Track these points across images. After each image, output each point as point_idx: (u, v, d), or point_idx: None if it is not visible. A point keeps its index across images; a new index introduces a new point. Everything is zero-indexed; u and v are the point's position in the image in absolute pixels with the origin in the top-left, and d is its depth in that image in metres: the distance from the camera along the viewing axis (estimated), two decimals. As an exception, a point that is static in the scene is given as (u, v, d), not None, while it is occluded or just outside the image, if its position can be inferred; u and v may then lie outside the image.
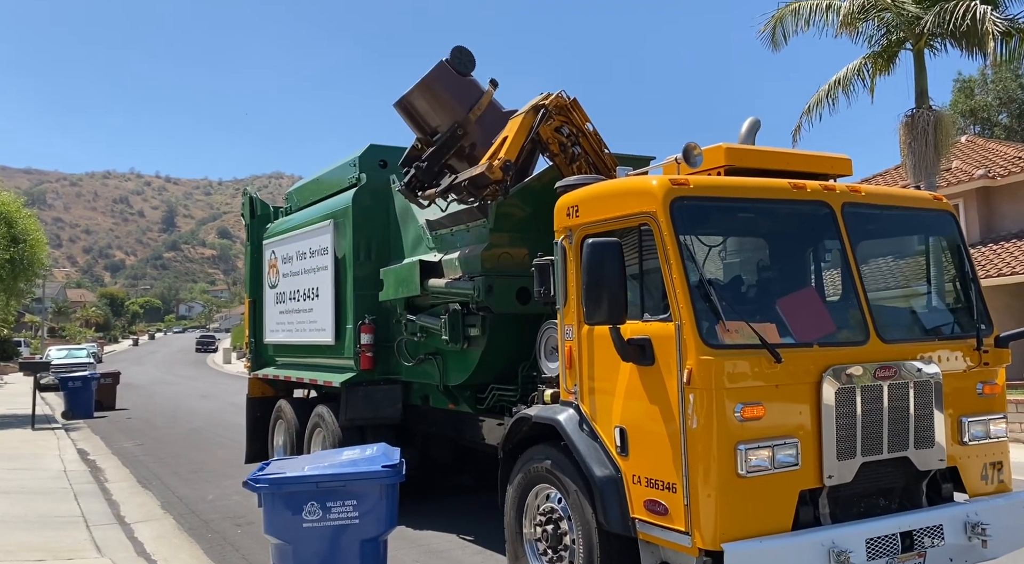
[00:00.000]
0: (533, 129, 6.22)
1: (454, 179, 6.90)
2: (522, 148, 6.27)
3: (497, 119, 7.01)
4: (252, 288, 11.35)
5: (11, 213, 19.81)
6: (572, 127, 6.31)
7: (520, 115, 6.36)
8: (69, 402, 20.46)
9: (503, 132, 6.53)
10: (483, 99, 7.13)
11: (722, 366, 4.21)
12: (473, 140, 7.13)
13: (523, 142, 6.23)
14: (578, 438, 4.92)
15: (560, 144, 6.30)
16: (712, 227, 4.93)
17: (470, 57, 7.21)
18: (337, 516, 4.64)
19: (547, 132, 6.26)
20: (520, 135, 6.22)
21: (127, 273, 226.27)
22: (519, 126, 6.28)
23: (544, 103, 6.23)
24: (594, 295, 4.46)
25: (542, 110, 6.23)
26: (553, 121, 6.25)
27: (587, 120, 6.36)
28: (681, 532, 4.25)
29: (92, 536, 7.88)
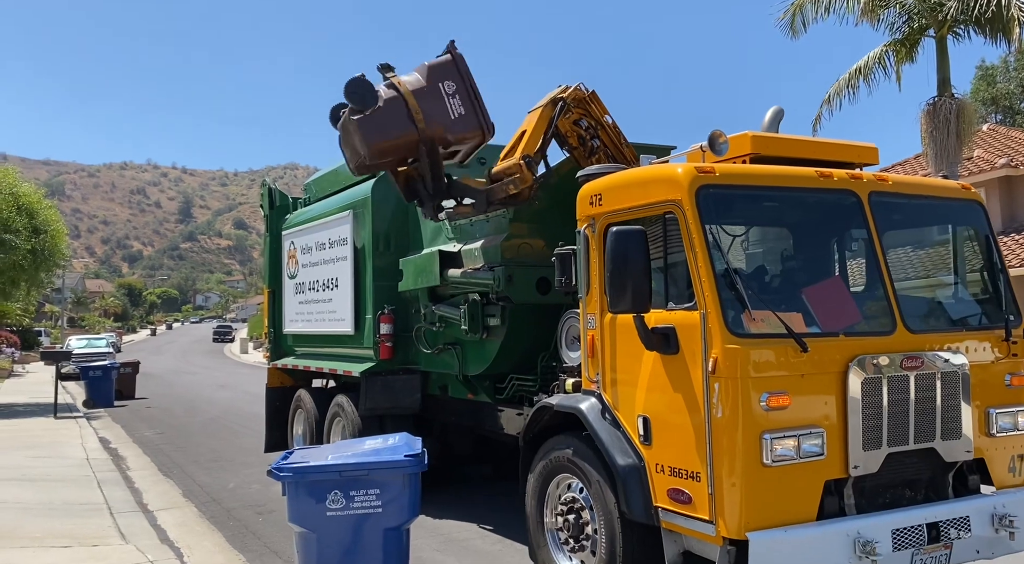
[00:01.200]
0: (552, 123, 6.14)
1: (488, 191, 6.63)
2: (542, 142, 6.20)
3: (431, 89, 6.63)
4: (271, 278, 11.40)
5: (32, 204, 19.98)
6: (591, 120, 6.25)
7: (538, 109, 6.30)
8: (90, 391, 20.67)
9: (521, 126, 6.42)
10: (408, 101, 6.61)
11: (748, 355, 4.18)
12: (436, 134, 6.77)
13: (542, 136, 6.17)
14: (600, 427, 4.91)
15: (579, 137, 6.26)
16: (738, 215, 4.89)
17: (365, 87, 6.56)
18: (360, 505, 4.66)
19: (566, 125, 6.21)
20: (539, 129, 6.17)
21: (144, 264, 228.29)
22: (538, 119, 6.22)
23: (563, 96, 6.17)
24: (618, 284, 4.44)
25: (560, 103, 6.17)
26: (572, 114, 6.19)
27: (606, 112, 6.31)
28: (705, 521, 4.24)
29: (116, 523, 7.99)
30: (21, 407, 19.52)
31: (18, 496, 9.10)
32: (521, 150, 6.14)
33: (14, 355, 34.83)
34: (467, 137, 6.95)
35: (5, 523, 7.81)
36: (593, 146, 6.25)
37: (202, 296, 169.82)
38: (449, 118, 6.67)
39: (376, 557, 4.67)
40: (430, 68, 6.79)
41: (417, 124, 6.59)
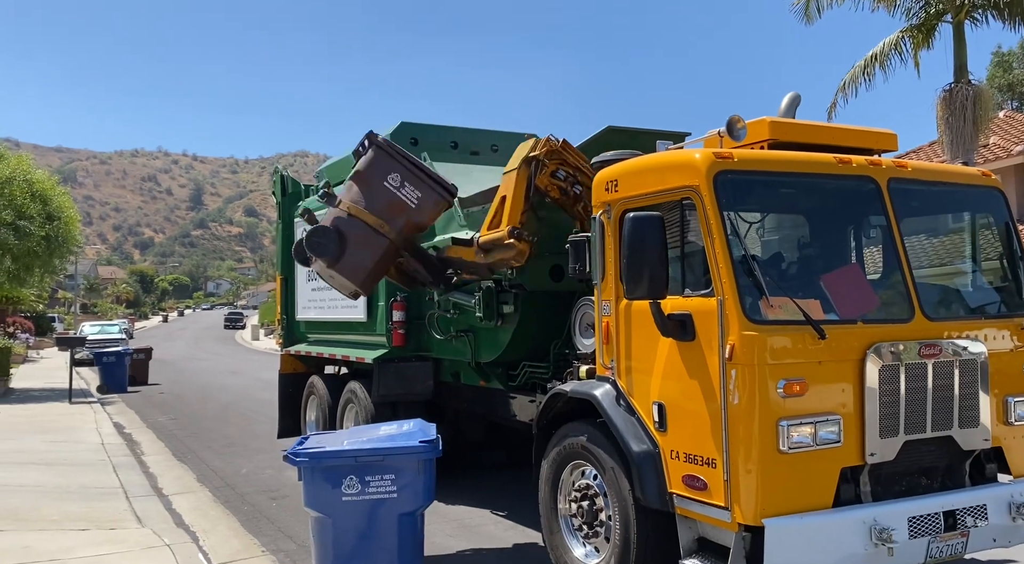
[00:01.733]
0: (531, 183, 6.09)
1: (488, 264, 6.54)
2: (524, 205, 6.15)
3: (379, 191, 6.55)
4: (284, 265, 11.42)
5: (46, 191, 20.07)
6: (568, 168, 6.18)
7: (513, 171, 6.21)
8: (104, 377, 20.83)
9: (500, 190, 6.37)
10: (367, 219, 6.52)
11: (765, 342, 4.16)
12: (407, 230, 6.75)
13: (524, 201, 6.13)
14: (615, 413, 4.91)
15: (560, 188, 6.21)
16: (756, 202, 4.85)
17: (321, 237, 6.57)
18: (376, 490, 4.71)
19: (544, 181, 6.14)
20: (519, 194, 6.11)
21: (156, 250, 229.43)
22: (516, 184, 6.15)
23: (535, 154, 6.07)
24: (635, 270, 4.42)
25: (534, 162, 6.11)
26: (547, 168, 6.10)
27: (581, 158, 6.19)
28: (721, 507, 4.23)
29: (132, 507, 8.08)
30: (36, 392, 19.70)
31: (36, 479, 9.21)
32: (507, 221, 6.10)
33: (28, 341, 35.13)
34: (435, 212, 6.97)
35: (23, 506, 7.91)
36: (576, 192, 6.19)
37: (213, 283, 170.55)
38: (411, 208, 6.61)
39: (391, 542, 4.72)
40: (368, 170, 6.68)
41: (386, 235, 6.57)
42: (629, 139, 6.53)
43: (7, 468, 9.81)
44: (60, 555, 6.26)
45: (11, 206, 18.36)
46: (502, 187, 6.38)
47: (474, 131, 9.56)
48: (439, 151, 8.88)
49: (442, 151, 8.96)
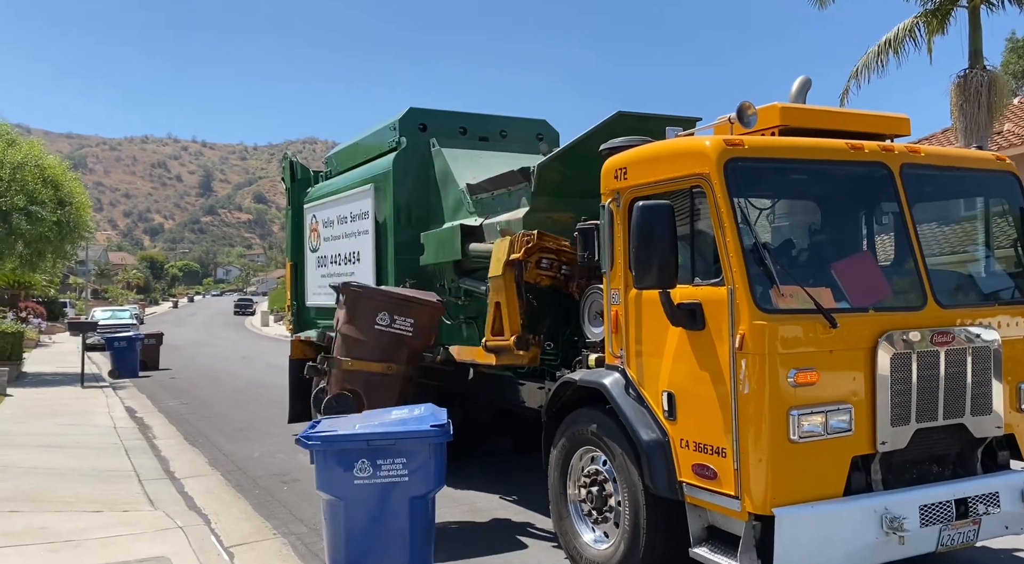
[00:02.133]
0: (520, 285, 6.21)
1: None
2: (520, 307, 6.26)
3: (374, 335, 6.78)
4: (293, 252, 11.46)
5: (57, 177, 20.13)
6: (549, 255, 6.25)
7: (499, 277, 6.31)
8: (115, 361, 20.92)
9: (491, 296, 6.48)
10: (371, 368, 6.81)
11: (775, 331, 4.14)
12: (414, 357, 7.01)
13: (518, 304, 6.25)
14: (624, 402, 4.90)
15: (549, 277, 6.28)
16: (767, 189, 4.81)
17: (342, 404, 6.75)
18: (387, 473, 4.69)
19: (532, 276, 6.24)
20: (512, 299, 6.24)
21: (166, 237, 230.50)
22: (505, 290, 6.26)
23: (516, 257, 6.15)
24: (644, 259, 4.40)
25: (517, 264, 6.19)
26: (531, 262, 6.18)
27: (560, 242, 6.25)
28: (731, 496, 4.23)
29: (144, 490, 8.14)
30: (49, 376, 19.86)
31: (50, 462, 9.30)
32: (508, 330, 6.25)
33: (41, 325, 35.36)
34: (433, 325, 7.23)
35: (38, 487, 8.00)
36: (565, 274, 6.27)
37: (223, 269, 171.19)
38: (409, 336, 6.88)
39: (402, 524, 4.70)
40: (354, 320, 6.87)
41: (397, 373, 6.90)
42: (639, 124, 6.48)
43: (22, 450, 9.91)
44: (75, 535, 6.33)
45: (23, 191, 18.42)
46: (492, 293, 6.48)
47: (483, 117, 9.53)
48: (448, 137, 8.87)
49: (451, 137, 8.94)
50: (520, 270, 6.15)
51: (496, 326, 6.38)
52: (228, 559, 5.89)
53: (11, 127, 20.80)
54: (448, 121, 9.19)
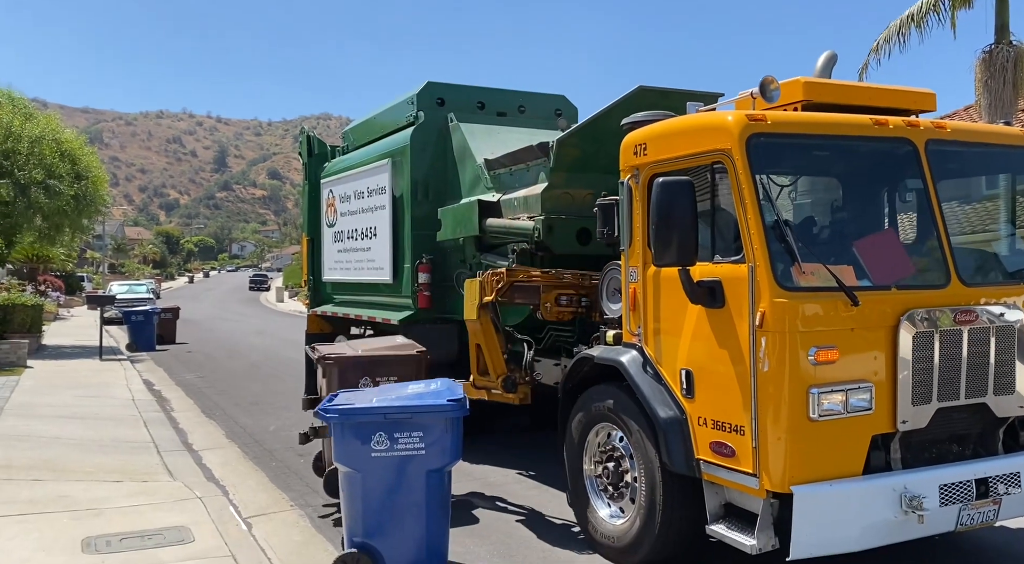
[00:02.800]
0: (498, 326, 6.25)
1: None
2: (500, 346, 6.29)
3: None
4: (310, 227, 11.48)
5: (74, 151, 20.19)
6: (565, 291, 6.29)
7: (475, 320, 6.29)
8: (133, 335, 21.14)
9: (471, 337, 6.45)
10: None
11: (796, 309, 4.11)
12: None
13: (499, 345, 6.27)
14: (641, 379, 4.89)
15: (570, 312, 6.32)
16: (790, 165, 4.75)
17: None
18: (404, 447, 4.71)
19: (553, 314, 6.30)
20: (491, 341, 6.26)
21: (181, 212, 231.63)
22: (483, 331, 6.26)
23: (488, 300, 6.15)
24: (664, 236, 4.36)
25: (490, 305, 6.19)
26: (505, 297, 6.19)
27: (527, 271, 6.26)
28: (748, 474, 4.23)
29: (163, 461, 8.27)
30: (68, 349, 20.09)
31: (71, 433, 9.43)
32: (494, 371, 6.28)
33: (59, 299, 35.74)
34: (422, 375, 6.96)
35: (59, 457, 8.13)
36: (586, 305, 6.32)
37: (238, 245, 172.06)
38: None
39: (419, 497, 4.74)
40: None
41: None
42: (660, 99, 6.41)
43: (43, 421, 10.04)
44: (96, 504, 6.44)
45: (41, 165, 18.50)
46: (471, 335, 6.50)
47: (501, 91, 9.47)
48: (465, 112, 8.82)
49: (468, 112, 8.90)
50: (495, 311, 6.18)
51: (480, 366, 6.43)
52: (246, 529, 5.97)
53: (28, 101, 20.84)
54: (466, 96, 9.14)
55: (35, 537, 5.62)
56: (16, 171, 17.99)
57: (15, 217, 18.78)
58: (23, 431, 9.29)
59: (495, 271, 6.17)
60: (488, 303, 6.17)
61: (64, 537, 5.63)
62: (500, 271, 6.14)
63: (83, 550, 5.38)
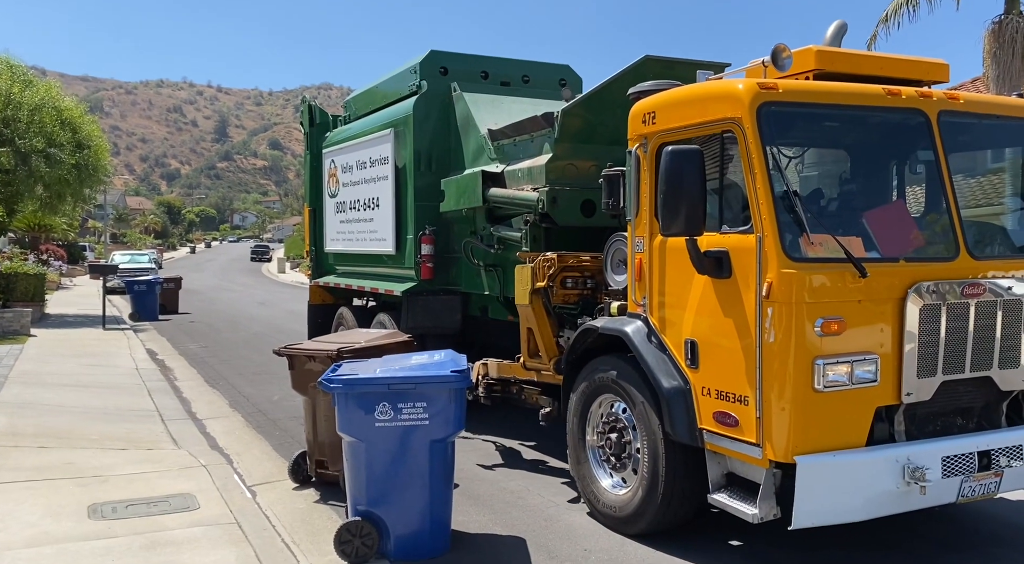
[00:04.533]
0: (550, 310, 6.20)
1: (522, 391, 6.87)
2: (552, 330, 6.26)
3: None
4: (312, 197, 11.42)
5: (75, 119, 20.02)
6: (572, 273, 6.22)
7: (527, 305, 6.27)
8: (135, 305, 21.16)
9: (522, 321, 6.45)
10: None
11: (803, 280, 4.09)
12: None
13: (550, 329, 6.24)
14: (646, 349, 4.89)
15: (578, 295, 6.25)
16: (800, 135, 4.69)
17: None
18: (408, 417, 4.72)
19: (559, 297, 6.23)
20: (543, 325, 6.24)
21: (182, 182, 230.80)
22: (535, 317, 6.23)
23: (540, 285, 6.11)
24: (672, 205, 4.33)
25: (543, 290, 6.13)
26: (555, 283, 6.14)
27: (576, 257, 6.20)
28: (752, 444, 4.24)
29: (168, 429, 8.32)
30: (71, 318, 20.13)
31: (75, 401, 9.48)
32: (546, 353, 6.26)
33: (61, 268, 35.75)
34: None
35: (64, 425, 8.17)
36: (590, 288, 6.22)
37: (239, 215, 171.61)
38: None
39: (422, 466, 4.77)
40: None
41: None
42: (666, 69, 6.34)
43: (48, 389, 10.09)
44: (102, 471, 6.48)
45: (42, 133, 18.37)
46: (523, 319, 6.48)
47: (505, 61, 9.35)
48: (469, 81, 8.72)
49: (472, 81, 8.80)
50: (547, 296, 6.19)
51: (531, 348, 6.48)
52: (251, 497, 5.99)
53: (27, 68, 20.63)
54: (469, 65, 9.03)
55: (42, 503, 5.67)
56: (16, 139, 17.85)
57: (16, 185, 18.68)
58: (28, 399, 9.33)
59: (546, 257, 6.16)
60: (538, 290, 6.17)
61: (71, 503, 5.67)
62: (551, 257, 6.13)
63: (89, 516, 5.42)
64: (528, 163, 7.06)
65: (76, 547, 4.87)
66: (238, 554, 4.78)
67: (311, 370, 5.99)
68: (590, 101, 6.75)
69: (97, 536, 5.05)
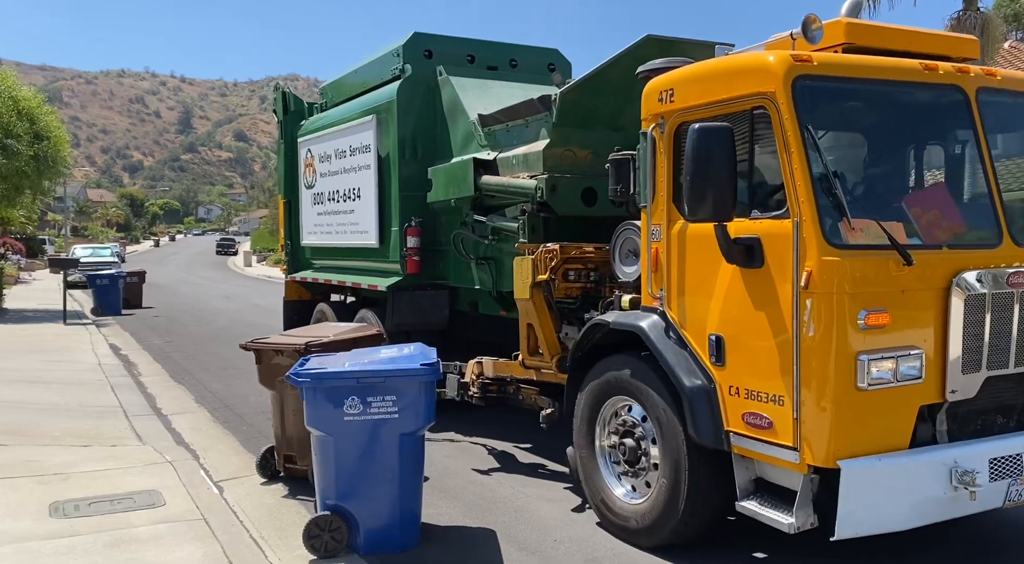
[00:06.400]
0: (551, 305, 5.79)
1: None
2: (553, 325, 5.84)
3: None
4: (287, 188, 10.88)
5: (33, 109, 19.17)
6: (574, 265, 5.79)
7: (526, 300, 5.84)
8: (97, 299, 20.54)
9: (521, 317, 5.99)
10: None
11: (846, 268, 3.76)
12: None
13: (552, 324, 5.82)
14: (664, 346, 4.54)
15: (581, 289, 5.84)
16: (836, 111, 4.33)
17: None
18: (377, 410, 4.68)
19: (561, 291, 5.80)
20: (545, 321, 5.81)
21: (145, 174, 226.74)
22: (537, 312, 5.81)
23: (543, 278, 5.69)
24: (699, 188, 3.98)
25: (544, 284, 5.72)
26: (557, 277, 5.71)
27: (582, 249, 5.79)
28: (788, 447, 3.91)
29: (132, 425, 7.97)
30: (31, 313, 19.42)
31: (36, 397, 9.10)
32: (548, 353, 5.83)
33: (20, 262, 34.59)
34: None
35: (25, 422, 7.84)
36: (594, 279, 5.81)
37: (204, 208, 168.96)
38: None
39: (392, 460, 4.74)
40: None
41: None
42: (667, 49, 5.96)
43: (7, 385, 9.70)
44: (64, 469, 6.22)
45: (-2, 124, 17.57)
46: (522, 314, 6.03)
47: (492, 44, 8.94)
48: (454, 65, 8.30)
49: (458, 65, 8.38)
50: (549, 290, 5.78)
51: (531, 345, 6.05)
52: (218, 493, 5.81)
53: (-19, 55, 19.70)
54: (455, 48, 8.61)
55: (2, 501, 5.42)
56: (-30, 129, 17.04)
57: (-29, 178, 17.86)
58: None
59: (548, 248, 5.74)
60: (539, 283, 5.76)
61: (31, 501, 5.44)
62: (553, 248, 5.71)
63: (51, 514, 5.19)
64: (523, 149, 6.68)
65: (37, 546, 4.68)
66: (205, 550, 4.66)
67: (279, 364, 5.84)
68: (588, 84, 6.37)
69: (59, 534, 4.86)
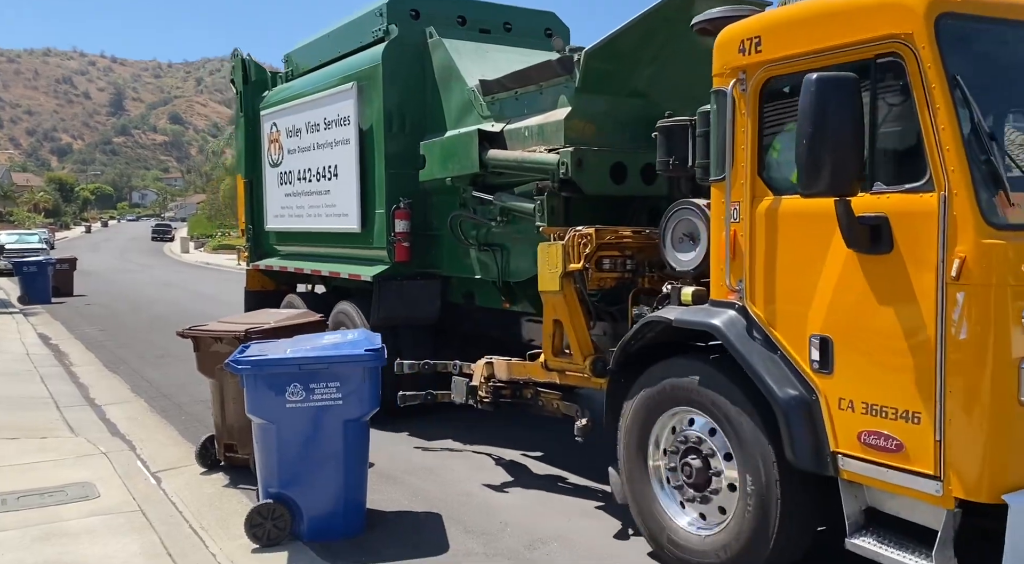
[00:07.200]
0: (584, 296, 5.06)
1: None
2: (586, 323, 5.10)
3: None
4: (247, 167, 9.75)
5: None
6: (610, 251, 5.00)
7: (557, 293, 5.05)
8: (25, 287, 19.58)
9: (547, 312, 5.22)
10: None
11: (1010, 254, 3.02)
12: None
13: (583, 320, 5.07)
14: (747, 348, 3.75)
15: (616, 279, 5.04)
16: (987, 59, 3.56)
17: None
18: (320, 397, 4.65)
19: (595, 281, 5.01)
20: (576, 316, 5.06)
21: (75, 158, 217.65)
22: (568, 305, 5.03)
23: (575, 267, 4.92)
24: (815, 154, 3.19)
25: (577, 274, 4.97)
26: (591, 265, 4.94)
27: (615, 232, 5.05)
28: (927, 476, 3.16)
29: (63, 416, 7.61)
30: (-51, 303, 17.88)
31: (-41, 389, 8.19)
32: (578, 351, 5.06)
33: (-63, 250, 32.14)
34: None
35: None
36: (632, 270, 5.04)
37: (138, 193, 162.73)
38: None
39: (336, 447, 4.70)
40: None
41: None
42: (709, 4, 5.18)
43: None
44: (-11, 464, 5.68)
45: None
46: (548, 308, 5.21)
47: (484, 4, 8.03)
48: (444, 27, 7.38)
49: (447, 27, 7.45)
50: (583, 281, 4.98)
51: (556, 344, 5.27)
52: (156, 483, 5.65)
53: None
54: (444, 7, 7.67)
55: None
56: None
57: None
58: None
59: (580, 232, 4.90)
60: (571, 273, 4.93)
61: None
62: (588, 232, 4.87)
63: None
64: (538, 119, 5.82)
65: (-40, 543, 4.33)
66: (142, 542, 4.51)
67: (218, 352, 5.70)
68: (617, 43, 5.53)
69: (-16, 530, 4.52)
